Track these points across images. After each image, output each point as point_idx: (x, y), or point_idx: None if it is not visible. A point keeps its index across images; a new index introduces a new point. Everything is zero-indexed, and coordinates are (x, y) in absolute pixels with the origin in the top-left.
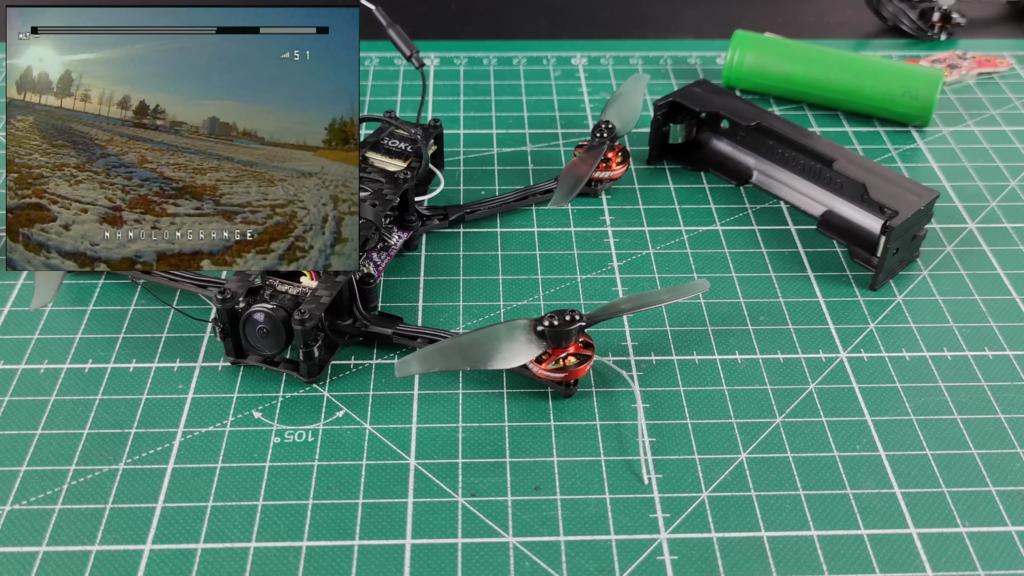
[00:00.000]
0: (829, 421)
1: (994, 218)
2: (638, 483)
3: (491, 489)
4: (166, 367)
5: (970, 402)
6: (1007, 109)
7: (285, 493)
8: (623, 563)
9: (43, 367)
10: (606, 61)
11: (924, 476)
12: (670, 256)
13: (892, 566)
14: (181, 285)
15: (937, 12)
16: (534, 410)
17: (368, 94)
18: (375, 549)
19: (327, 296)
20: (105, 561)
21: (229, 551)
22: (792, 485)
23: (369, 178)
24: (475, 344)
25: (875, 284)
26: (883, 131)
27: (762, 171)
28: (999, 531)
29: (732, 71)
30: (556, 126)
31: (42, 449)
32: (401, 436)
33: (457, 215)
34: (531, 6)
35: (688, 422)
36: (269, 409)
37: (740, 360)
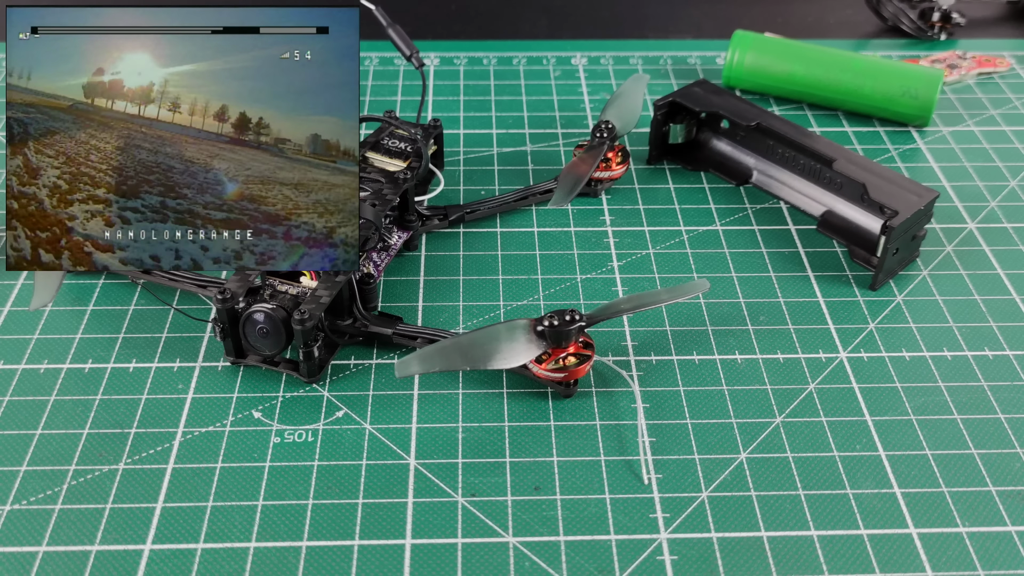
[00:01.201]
0: (829, 421)
1: (994, 218)
2: (638, 483)
3: (491, 489)
4: (166, 367)
5: (970, 402)
6: (1007, 109)
7: (285, 493)
8: (623, 563)
9: (43, 367)
10: (606, 61)
11: (924, 476)
12: (670, 256)
13: (892, 566)
14: (181, 285)
15: (937, 12)
16: (534, 410)
17: (368, 94)
18: (375, 549)
19: (327, 296)
20: (105, 561)
21: (229, 551)
22: (792, 485)
23: (369, 178)
24: (475, 344)
25: (875, 284)
26: (883, 131)
27: (762, 171)
28: (999, 531)
29: (732, 71)
30: (556, 126)
31: (42, 449)
32: (401, 436)
33: (457, 215)
34: (531, 6)
35: (688, 422)
36: (269, 409)
37: (740, 360)
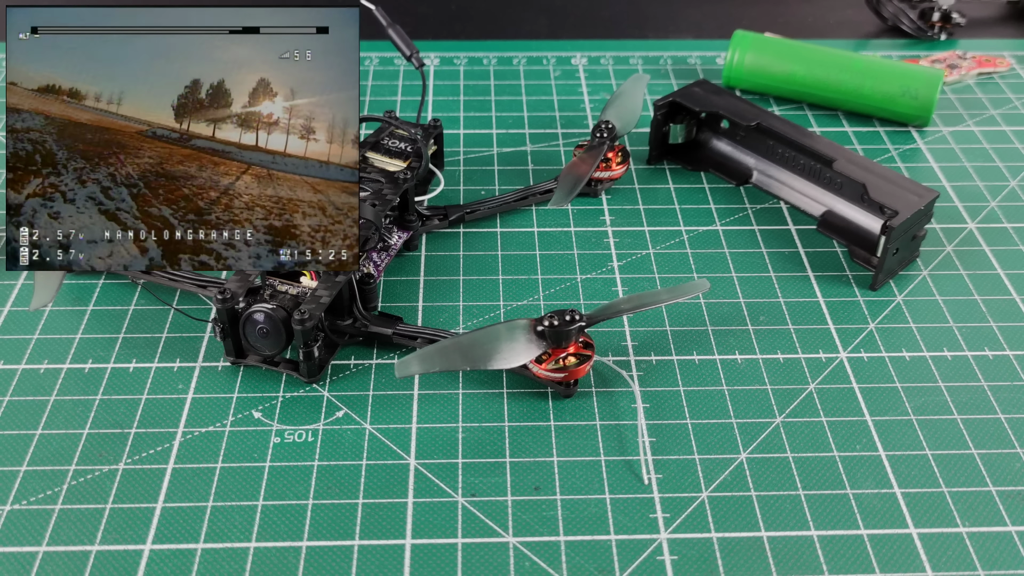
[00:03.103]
0: (829, 421)
1: (994, 218)
2: (638, 483)
3: (491, 489)
4: (166, 367)
5: (970, 402)
6: (1007, 109)
7: (285, 493)
8: (623, 563)
9: (43, 367)
10: (606, 61)
11: (924, 476)
12: (670, 256)
13: (892, 566)
14: (181, 285)
15: (937, 12)
16: (534, 410)
17: (368, 94)
18: (375, 549)
19: (327, 296)
20: (105, 561)
21: (229, 551)
22: (792, 485)
23: (369, 178)
24: (475, 344)
25: (875, 284)
26: (883, 131)
27: (762, 171)
28: (999, 531)
29: (732, 71)
30: (556, 126)
31: (42, 449)
32: (401, 436)
33: (457, 215)
34: (531, 6)
35: (688, 422)
36: (269, 409)
37: (740, 360)
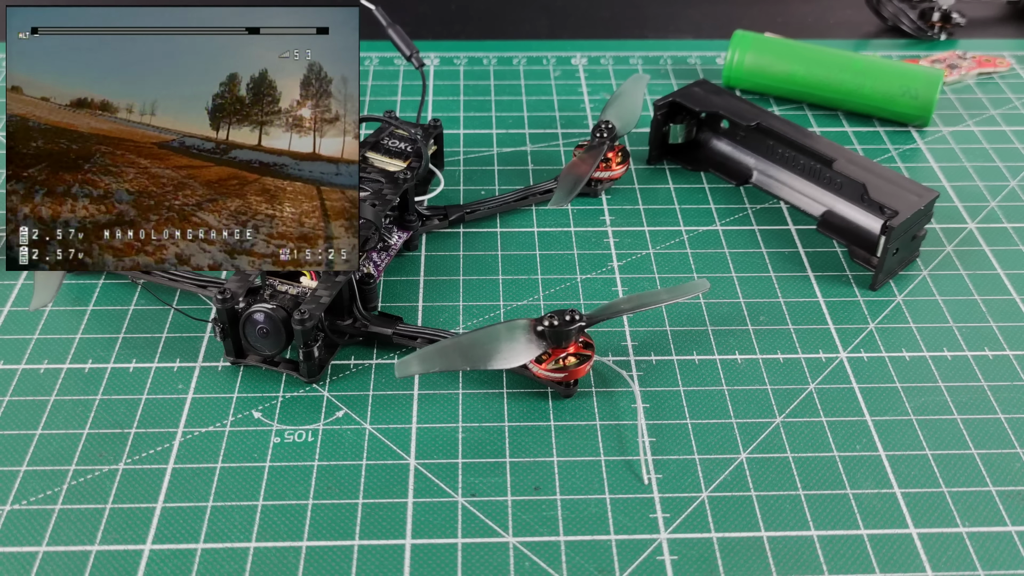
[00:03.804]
0: (829, 421)
1: (994, 218)
2: (638, 483)
3: (491, 489)
4: (166, 367)
5: (970, 402)
6: (1007, 109)
7: (285, 493)
8: (623, 563)
9: (43, 367)
10: (606, 61)
11: (924, 476)
12: (670, 256)
13: (892, 566)
14: (181, 285)
15: (937, 12)
16: (534, 410)
17: (368, 94)
18: (375, 549)
19: (327, 296)
20: (105, 561)
21: (229, 551)
22: (792, 485)
23: (369, 178)
24: (475, 344)
25: (875, 284)
26: (883, 131)
27: (762, 171)
28: (999, 531)
29: (732, 71)
30: (556, 126)
31: (42, 449)
32: (401, 436)
33: (457, 215)
34: (531, 6)
35: (688, 422)
36: (269, 409)
37: (740, 360)
